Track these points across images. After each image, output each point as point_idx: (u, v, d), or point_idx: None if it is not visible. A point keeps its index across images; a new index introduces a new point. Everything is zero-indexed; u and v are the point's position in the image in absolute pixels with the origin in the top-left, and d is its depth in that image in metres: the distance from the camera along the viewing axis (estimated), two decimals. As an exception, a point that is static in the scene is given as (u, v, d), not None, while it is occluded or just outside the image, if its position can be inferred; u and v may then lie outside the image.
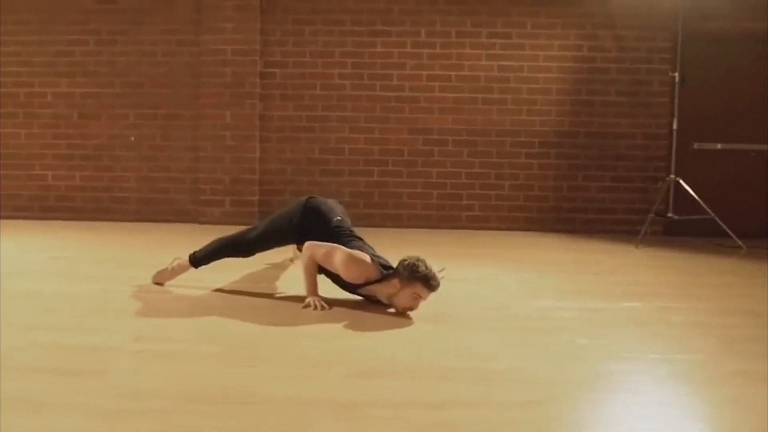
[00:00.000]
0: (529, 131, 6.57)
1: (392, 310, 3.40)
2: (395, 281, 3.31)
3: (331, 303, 3.43)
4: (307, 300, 3.42)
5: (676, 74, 5.96)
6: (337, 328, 3.13)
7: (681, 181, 5.85)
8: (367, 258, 3.40)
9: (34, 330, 2.99)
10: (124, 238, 5.78)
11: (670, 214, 5.91)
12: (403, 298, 3.31)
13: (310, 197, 3.82)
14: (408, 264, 3.30)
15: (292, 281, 3.94)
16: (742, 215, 6.12)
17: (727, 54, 6.50)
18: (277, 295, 3.70)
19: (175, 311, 3.36)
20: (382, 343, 2.94)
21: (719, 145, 6.46)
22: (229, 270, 4.12)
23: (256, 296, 3.67)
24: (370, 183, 6.63)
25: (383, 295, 3.41)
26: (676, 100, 5.98)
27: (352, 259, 3.36)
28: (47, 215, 6.80)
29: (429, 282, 3.27)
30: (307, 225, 3.63)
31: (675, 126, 5.97)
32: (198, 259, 3.85)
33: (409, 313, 3.35)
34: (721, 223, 5.72)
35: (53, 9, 6.71)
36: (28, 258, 4.80)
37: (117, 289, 3.79)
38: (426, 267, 3.29)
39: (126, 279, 4.05)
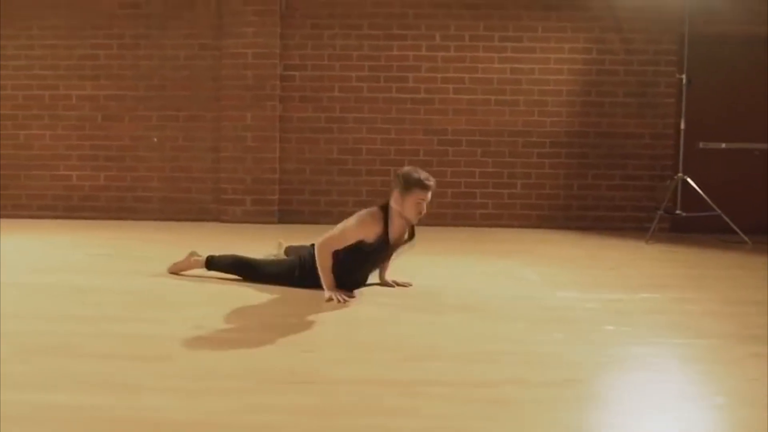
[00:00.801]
0: (541, 131, 6.80)
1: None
2: (396, 197, 3.59)
3: (351, 296, 3.64)
4: (327, 294, 3.60)
5: (683, 76, 6.18)
6: (377, 319, 3.35)
7: (688, 180, 6.09)
8: (363, 211, 3.64)
9: (97, 321, 3.20)
10: (152, 236, 5.99)
11: (678, 211, 6.14)
12: (409, 208, 3.59)
13: (314, 245, 3.86)
14: (400, 175, 3.59)
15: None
16: (745, 211, 6.35)
17: (730, 56, 6.73)
18: (316, 288, 3.91)
19: (226, 303, 3.56)
20: (423, 331, 3.16)
21: (724, 145, 6.70)
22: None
23: (296, 288, 3.87)
24: (387, 182, 6.82)
25: (396, 217, 3.62)
26: (684, 102, 6.21)
27: (360, 219, 3.60)
28: (71, 214, 7.00)
29: (423, 183, 3.56)
30: (310, 274, 3.78)
31: (683, 126, 6.20)
32: (212, 263, 4.09)
33: (440, 303, 3.57)
34: (727, 219, 5.96)
35: (78, 14, 6.91)
36: (66, 255, 5.01)
37: (163, 283, 4.01)
38: (416, 172, 3.59)
39: (168, 275, 4.27)
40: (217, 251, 5.36)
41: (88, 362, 2.63)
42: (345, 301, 3.57)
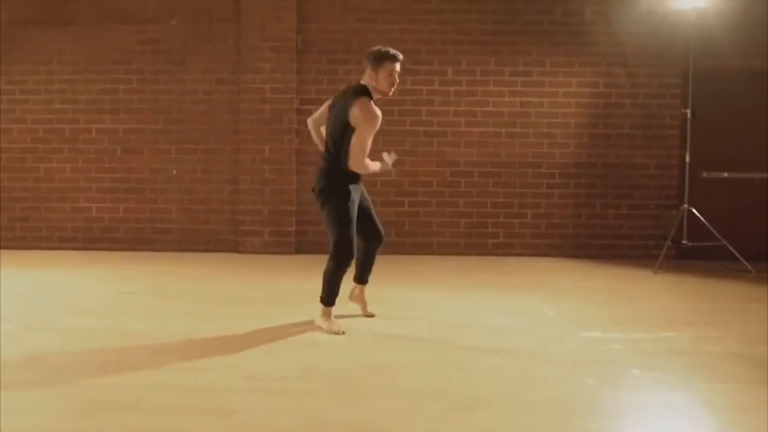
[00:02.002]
0: (550, 163, 7.01)
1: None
2: (370, 74, 3.97)
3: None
4: (384, 164, 4.10)
5: (688, 111, 6.40)
6: (415, 364, 3.52)
7: (694, 211, 6.30)
8: (363, 107, 3.94)
9: (154, 372, 3.34)
10: (174, 269, 6.14)
11: (684, 241, 6.34)
12: (383, 81, 3.98)
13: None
14: (371, 54, 3.99)
15: (361, 319, 4.35)
16: (747, 239, 6.56)
17: (731, 89, 6.95)
18: (352, 333, 4.08)
19: (266, 348, 3.73)
20: (463, 377, 3.32)
21: (726, 174, 6.93)
22: (296, 304, 4.52)
23: (334, 333, 4.04)
24: (401, 213, 7.03)
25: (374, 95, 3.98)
26: (689, 135, 6.43)
27: (368, 118, 3.92)
28: (91, 246, 7.14)
29: (392, 55, 3.98)
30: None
31: (688, 159, 6.42)
32: (328, 299, 4.07)
33: (473, 346, 3.75)
34: (733, 250, 6.17)
35: (98, 49, 7.08)
36: (97, 293, 5.15)
37: (201, 325, 4.16)
38: (384, 48, 4.02)
39: (205, 315, 4.44)
40: (236, 281, 5.59)
41: (158, 418, 2.77)
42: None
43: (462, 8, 6.99)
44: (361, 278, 4.35)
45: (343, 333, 3.99)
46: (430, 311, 4.64)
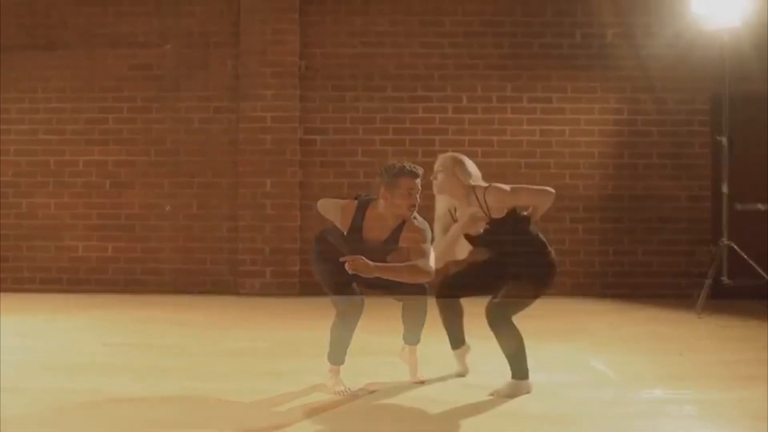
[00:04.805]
0: (573, 195, 6.53)
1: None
2: (382, 192, 3.39)
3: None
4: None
5: (724, 138, 5.94)
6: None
7: (734, 246, 5.80)
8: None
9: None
10: (170, 314, 5.60)
11: (725, 279, 5.82)
12: (399, 202, 3.37)
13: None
14: (384, 168, 3.44)
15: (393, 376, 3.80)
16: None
17: (763, 115, 6.51)
18: (378, 398, 3.52)
19: (274, 420, 3.15)
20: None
21: (761, 206, 6.45)
22: (304, 357, 3.95)
23: (359, 400, 3.48)
24: (414, 250, 6.49)
25: (379, 213, 3.40)
26: (726, 164, 5.94)
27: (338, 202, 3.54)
28: (77, 288, 6.58)
29: (409, 171, 3.38)
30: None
31: (725, 190, 5.93)
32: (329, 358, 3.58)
33: (522, 410, 3.20)
34: (777, 288, 5.67)
35: (87, 76, 6.62)
36: (81, 344, 4.58)
37: (198, 387, 3.59)
38: (399, 162, 3.45)
39: (202, 373, 3.88)
40: (236, 329, 5.06)
41: None
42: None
43: (476, 31, 6.56)
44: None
45: (349, 391, 3.44)
46: (457, 366, 4.08)
